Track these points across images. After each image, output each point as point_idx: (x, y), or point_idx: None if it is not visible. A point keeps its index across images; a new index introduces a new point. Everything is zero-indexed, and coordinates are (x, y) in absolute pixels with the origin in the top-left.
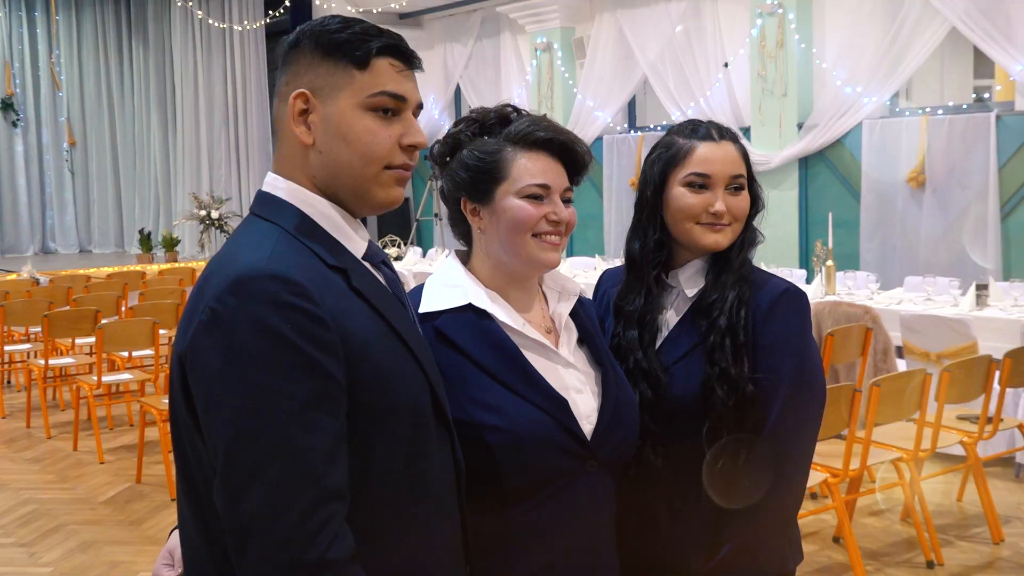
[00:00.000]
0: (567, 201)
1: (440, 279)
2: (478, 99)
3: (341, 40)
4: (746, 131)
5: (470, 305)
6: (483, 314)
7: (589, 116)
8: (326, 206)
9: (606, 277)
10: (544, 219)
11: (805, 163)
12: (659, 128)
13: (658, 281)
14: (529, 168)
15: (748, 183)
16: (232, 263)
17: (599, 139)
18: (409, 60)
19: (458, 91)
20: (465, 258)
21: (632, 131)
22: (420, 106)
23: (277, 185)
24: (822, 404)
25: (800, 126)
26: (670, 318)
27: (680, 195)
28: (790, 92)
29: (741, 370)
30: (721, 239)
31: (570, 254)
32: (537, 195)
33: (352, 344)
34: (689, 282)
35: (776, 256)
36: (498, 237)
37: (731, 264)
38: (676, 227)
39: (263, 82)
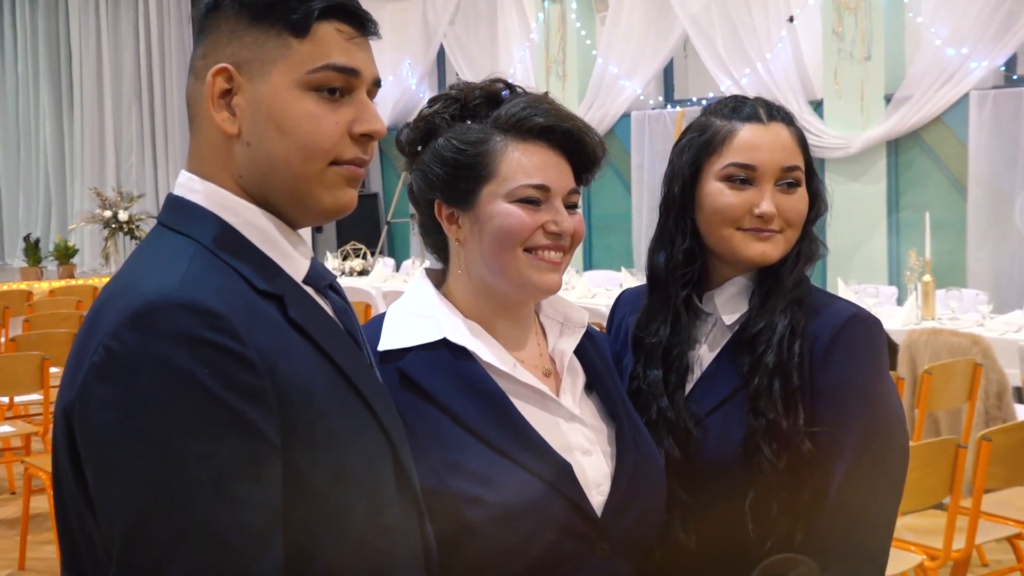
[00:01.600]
0: (572, 207)
1: (406, 306)
2: (468, 64)
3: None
4: (817, 106)
5: (444, 341)
6: (462, 352)
7: (613, 86)
8: (255, 214)
9: (624, 300)
10: (541, 230)
11: (895, 147)
12: (704, 102)
13: (688, 305)
14: (523, 163)
15: (806, 177)
16: (133, 289)
17: (626, 116)
18: (362, 24)
19: (442, 54)
20: (439, 279)
21: (669, 106)
22: (377, 83)
23: (192, 187)
24: (904, 464)
25: (888, 99)
26: (704, 354)
27: (717, 192)
28: (875, 55)
29: (795, 422)
30: (769, 250)
31: (588, 266)
32: (533, 198)
33: (288, 393)
34: (727, 306)
35: (857, 269)
36: (482, 251)
37: (782, 283)
38: (712, 234)
39: (186, 45)
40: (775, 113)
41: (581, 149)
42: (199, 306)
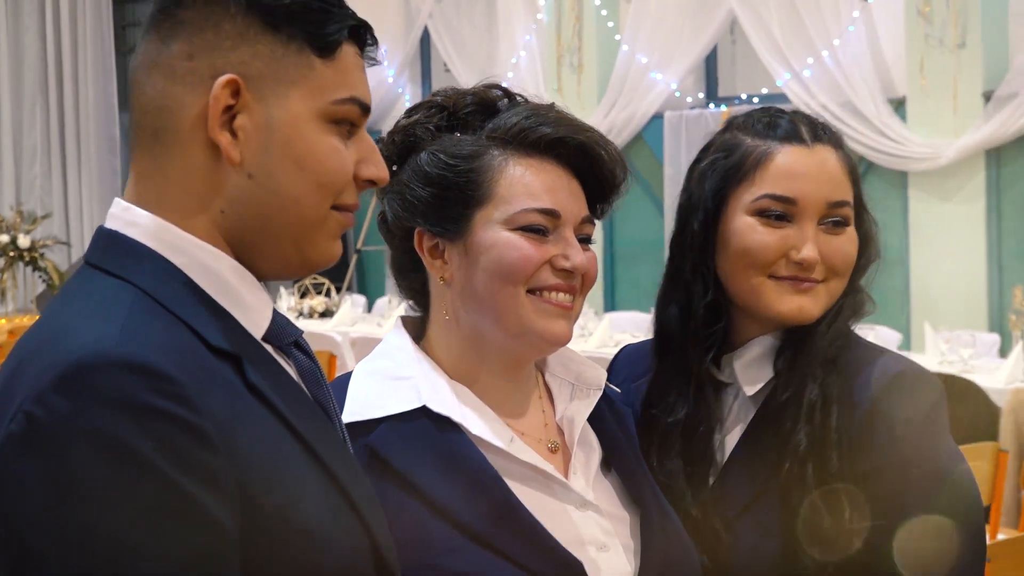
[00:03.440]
0: (584, 241)
1: (376, 366)
2: (458, 52)
3: (294, 7)
4: (898, 106)
5: (424, 409)
6: (445, 424)
7: (641, 80)
8: (211, 256)
9: (623, 361)
10: (548, 265)
11: (996, 158)
12: (755, 100)
13: (710, 373)
14: (528, 183)
15: (855, 215)
16: (59, 343)
17: (658, 118)
18: (365, 47)
19: (426, 39)
20: (418, 329)
21: (712, 104)
22: (368, 110)
23: (130, 219)
24: (981, 558)
25: (988, 97)
26: (727, 435)
27: (747, 229)
28: (971, 42)
29: (840, 516)
30: (808, 304)
31: (610, 307)
32: (539, 227)
33: (249, 473)
34: (749, 373)
35: (949, 312)
36: (473, 292)
37: (814, 342)
38: (736, 281)
39: (106, 35)
40: (820, 133)
41: (598, 169)
42: (142, 365)
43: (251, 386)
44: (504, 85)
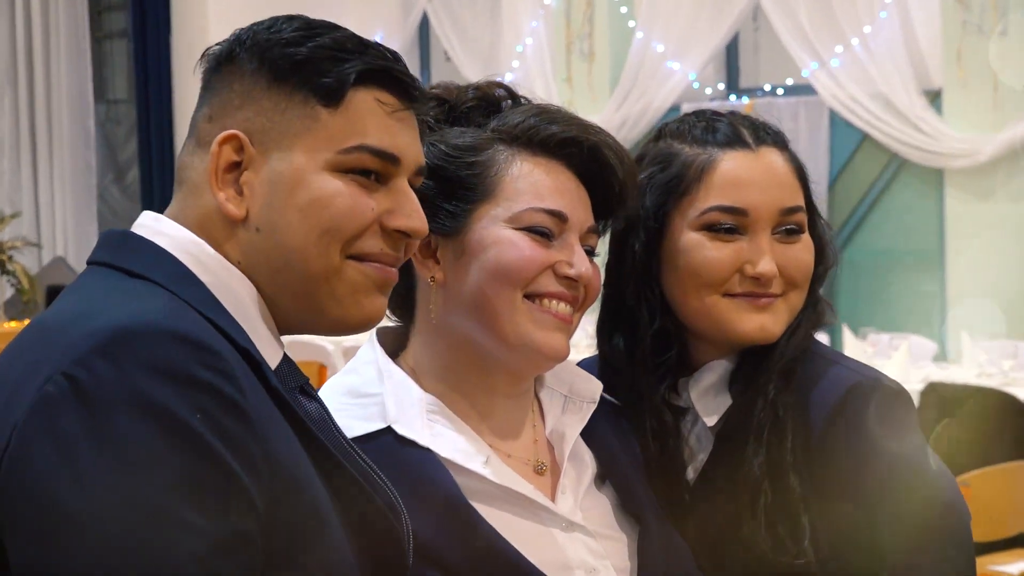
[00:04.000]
0: (589, 253)
1: (343, 382)
2: (460, 38)
3: (300, 57)
4: (934, 98)
5: (391, 429)
6: (413, 444)
7: (657, 69)
8: (237, 280)
9: None
10: (551, 271)
11: None
12: (778, 92)
13: (667, 402)
14: (535, 182)
15: (808, 220)
16: (97, 317)
17: (675, 110)
18: (407, 92)
19: (425, 25)
20: (396, 342)
21: (733, 96)
22: (421, 171)
23: (159, 229)
24: (969, 545)
25: None
26: (693, 464)
27: (694, 246)
28: (1012, 28)
29: (800, 550)
30: (769, 323)
31: None
32: (544, 229)
33: (277, 469)
34: (706, 401)
35: (989, 321)
36: (466, 294)
37: (772, 360)
38: (688, 304)
39: (80, 19)
40: (763, 134)
41: (608, 177)
42: (191, 337)
43: (272, 389)
44: (508, 84)
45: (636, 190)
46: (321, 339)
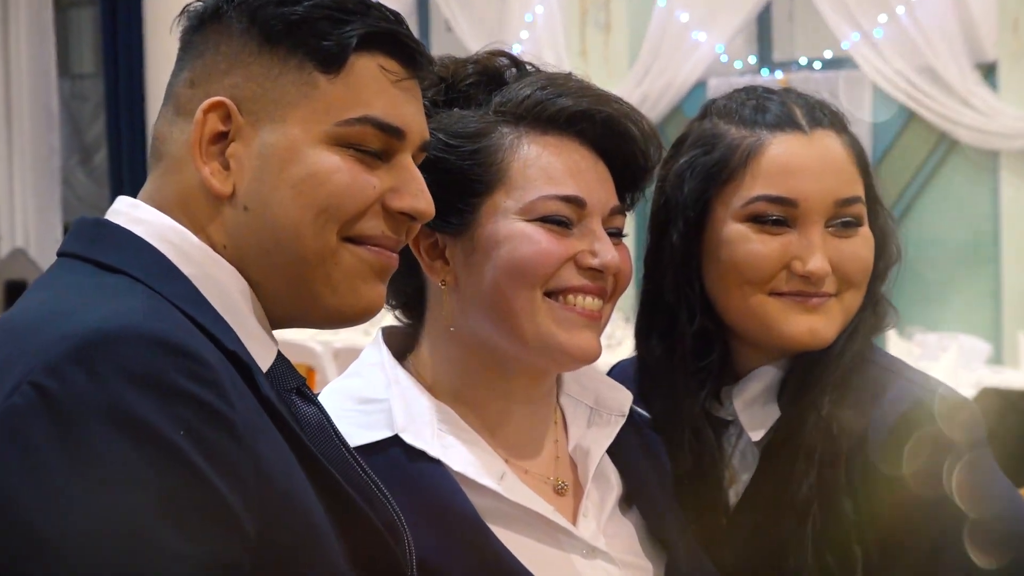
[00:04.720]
0: (616, 234)
1: (347, 386)
2: (463, 8)
3: (296, 17)
4: (988, 72)
5: (398, 439)
6: (422, 456)
7: (681, 40)
8: (223, 271)
9: (616, 378)
10: (572, 263)
11: None
12: (815, 65)
13: (708, 413)
14: (546, 165)
15: (869, 211)
16: (69, 318)
17: (700, 86)
18: (412, 59)
19: None
20: (403, 344)
21: (765, 70)
22: (426, 146)
23: (136, 216)
24: None
25: None
26: (737, 483)
27: (738, 238)
28: None
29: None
30: (820, 326)
31: None
32: (561, 217)
33: (269, 482)
34: (752, 413)
35: None
36: (480, 297)
37: (827, 368)
38: (730, 301)
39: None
40: (819, 115)
41: (628, 149)
42: (174, 343)
43: (263, 399)
44: (511, 51)
45: (660, 158)
46: (309, 340)
